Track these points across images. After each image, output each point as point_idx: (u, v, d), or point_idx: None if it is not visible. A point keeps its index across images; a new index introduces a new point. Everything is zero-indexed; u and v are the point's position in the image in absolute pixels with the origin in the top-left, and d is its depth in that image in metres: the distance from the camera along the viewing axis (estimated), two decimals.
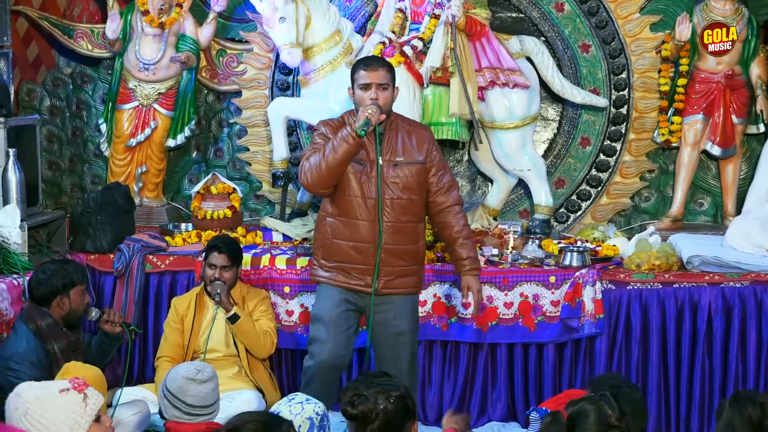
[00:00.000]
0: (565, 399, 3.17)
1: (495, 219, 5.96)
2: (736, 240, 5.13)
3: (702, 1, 5.73)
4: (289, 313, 5.03)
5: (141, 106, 6.04)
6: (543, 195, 5.81)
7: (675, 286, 4.90)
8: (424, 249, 4.36)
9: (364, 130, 3.99)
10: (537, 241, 5.33)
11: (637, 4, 5.91)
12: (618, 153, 6.01)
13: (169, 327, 4.77)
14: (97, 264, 5.24)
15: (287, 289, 5.03)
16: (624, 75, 5.96)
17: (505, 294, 4.93)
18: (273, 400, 4.43)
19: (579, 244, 5.37)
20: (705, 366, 4.88)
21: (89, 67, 6.39)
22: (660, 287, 4.90)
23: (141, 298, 5.15)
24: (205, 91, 6.33)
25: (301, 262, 5.04)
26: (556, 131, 6.12)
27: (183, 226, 5.81)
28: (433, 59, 5.45)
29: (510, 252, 5.08)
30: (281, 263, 5.05)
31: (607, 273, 4.97)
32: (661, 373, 4.91)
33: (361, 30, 5.91)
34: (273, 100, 6.01)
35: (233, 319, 4.62)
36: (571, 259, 4.99)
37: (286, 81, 6.14)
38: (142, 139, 6.04)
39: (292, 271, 5.02)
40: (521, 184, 5.99)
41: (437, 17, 5.50)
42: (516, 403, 5.02)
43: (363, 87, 4.15)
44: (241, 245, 5.08)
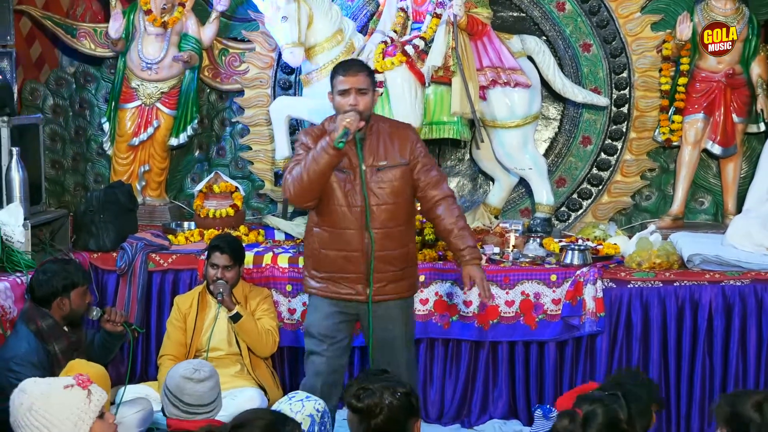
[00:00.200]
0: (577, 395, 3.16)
1: (496, 217, 5.97)
2: (736, 239, 5.14)
3: (703, 1, 5.74)
4: (291, 312, 5.04)
5: (144, 105, 6.05)
6: (544, 194, 5.82)
7: (675, 284, 4.91)
8: (414, 251, 4.24)
9: (342, 141, 3.84)
10: (538, 240, 5.35)
11: (638, 3, 5.92)
12: (619, 152, 6.02)
13: (172, 325, 4.77)
14: (100, 262, 5.25)
15: (289, 288, 5.05)
16: (625, 74, 5.97)
17: (507, 292, 4.93)
18: (275, 397, 4.42)
19: (580, 242, 5.37)
20: (705, 364, 4.89)
21: (92, 67, 6.39)
22: (661, 285, 4.91)
23: (144, 296, 5.16)
24: (208, 90, 6.34)
25: (303, 260, 5.03)
26: (557, 130, 6.14)
27: (186, 224, 5.84)
28: (435, 58, 5.47)
29: (511, 250, 5.09)
30: (283, 262, 5.06)
31: (608, 271, 4.98)
32: (662, 371, 4.91)
33: (363, 29, 5.93)
34: (275, 99, 6.03)
35: (235, 319, 4.63)
36: (572, 258, 5.00)
37: (288, 80, 6.16)
38: (144, 138, 6.05)
39: (294, 270, 5.02)
40: (522, 182, 6.00)
41: (439, 16, 5.52)
42: (517, 401, 5.03)
43: (342, 93, 3.98)
44: (244, 244, 5.09)
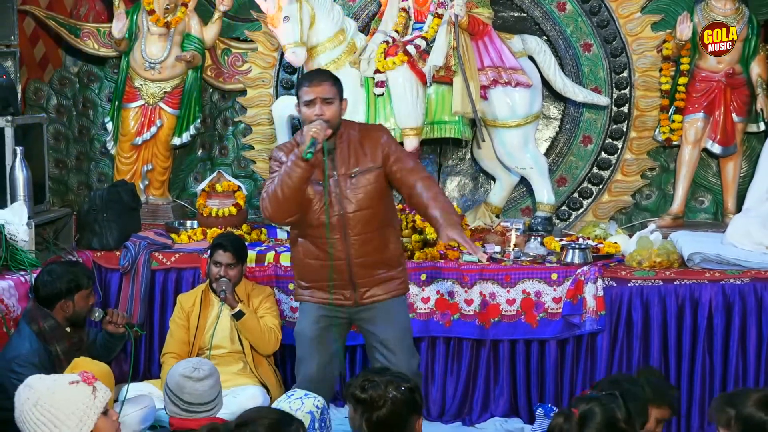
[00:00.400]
0: None
1: (497, 216, 5.98)
2: (736, 237, 5.15)
3: (703, 1, 5.75)
4: (294, 310, 5.03)
5: (147, 104, 6.07)
6: (545, 193, 5.83)
7: (676, 283, 4.91)
8: (397, 251, 4.13)
9: (310, 152, 3.72)
10: (539, 239, 5.36)
11: (639, 3, 5.93)
12: (619, 151, 6.04)
13: (175, 324, 4.79)
14: (104, 261, 5.28)
15: (291, 286, 5.04)
16: (625, 74, 5.99)
17: (508, 291, 4.95)
18: (277, 395, 4.42)
19: (581, 241, 5.37)
20: (705, 362, 4.89)
21: (95, 66, 6.42)
22: (661, 284, 4.92)
23: (147, 295, 5.18)
24: (210, 90, 6.37)
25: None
26: (558, 129, 6.16)
27: (188, 223, 5.86)
28: (437, 58, 5.49)
29: (512, 249, 5.10)
30: (286, 260, 5.07)
31: (609, 270, 4.99)
32: (662, 370, 4.89)
33: (365, 29, 5.95)
34: (277, 98, 6.05)
35: (238, 316, 4.64)
36: (573, 257, 5.00)
37: (290, 80, 6.17)
38: (147, 138, 6.07)
39: None
40: (523, 181, 6.02)
41: (440, 16, 5.54)
42: (518, 399, 5.04)
43: (307, 103, 3.88)
44: (246, 242, 5.11)
